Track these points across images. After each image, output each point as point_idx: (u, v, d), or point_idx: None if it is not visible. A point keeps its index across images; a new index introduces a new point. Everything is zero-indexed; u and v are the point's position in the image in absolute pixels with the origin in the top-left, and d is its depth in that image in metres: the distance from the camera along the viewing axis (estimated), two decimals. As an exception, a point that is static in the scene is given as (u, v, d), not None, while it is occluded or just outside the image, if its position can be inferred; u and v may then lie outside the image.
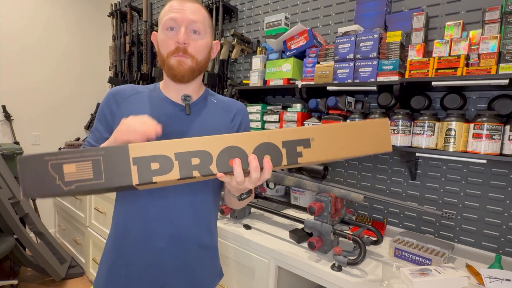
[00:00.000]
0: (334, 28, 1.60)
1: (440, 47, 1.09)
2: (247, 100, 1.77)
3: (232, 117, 0.92)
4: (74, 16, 2.96)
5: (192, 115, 0.86)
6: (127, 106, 0.83)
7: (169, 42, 0.79)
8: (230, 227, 1.30)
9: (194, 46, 0.80)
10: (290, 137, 0.61)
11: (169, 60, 0.80)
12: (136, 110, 0.81)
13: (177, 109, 0.85)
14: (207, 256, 0.90)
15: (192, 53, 0.80)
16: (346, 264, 0.96)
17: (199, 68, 0.83)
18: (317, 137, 0.63)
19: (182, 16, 0.78)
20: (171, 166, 0.58)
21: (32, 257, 2.10)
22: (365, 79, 1.25)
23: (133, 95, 0.85)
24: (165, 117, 0.82)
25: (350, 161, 1.55)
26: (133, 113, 0.77)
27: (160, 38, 0.81)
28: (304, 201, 1.54)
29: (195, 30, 0.80)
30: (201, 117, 0.87)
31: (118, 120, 0.76)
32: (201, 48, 0.81)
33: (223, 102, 0.93)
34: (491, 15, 1.04)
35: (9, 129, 2.62)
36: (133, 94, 0.86)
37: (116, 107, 0.84)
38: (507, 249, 1.16)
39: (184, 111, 0.85)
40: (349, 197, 1.07)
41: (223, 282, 1.31)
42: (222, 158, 0.59)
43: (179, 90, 0.86)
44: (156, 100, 0.85)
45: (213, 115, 0.89)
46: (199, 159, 0.58)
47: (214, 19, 2.02)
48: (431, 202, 1.32)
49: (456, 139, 1.06)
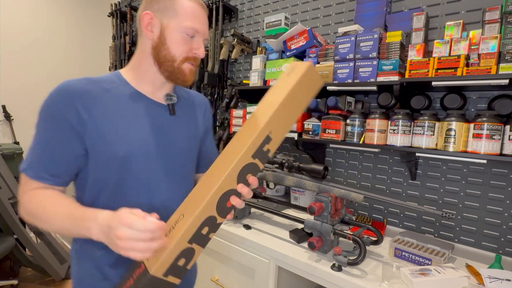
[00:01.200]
0: (334, 28, 1.60)
1: (440, 47, 1.09)
2: (247, 100, 1.77)
3: (203, 112, 0.94)
4: (74, 16, 2.96)
5: (175, 115, 0.82)
6: (102, 109, 0.71)
7: (188, 47, 0.76)
8: (230, 227, 1.30)
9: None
10: (256, 147, 0.65)
11: (181, 64, 0.76)
12: (116, 114, 0.72)
13: (161, 109, 0.79)
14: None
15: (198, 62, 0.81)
16: (346, 264, 0.96)
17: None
18: (273, 129, 0.67)
19: (204, 29, 0.77)
20: (192, 251, 0.62)
21: (32, 257, 2.10)
22: (365, 79, 1.25)
23: (104, 94, 0.72)
24: (151, 119, 0.76)
25: (350, 161, 1.55)
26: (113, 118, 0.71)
27: (175, 36, 0.74)
28: (304, 201, 1.54)
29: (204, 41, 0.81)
30: (183, 117, 0.84)
31: (91, 129, 0.68)
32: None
33: (191, 95, 0.93)
34: (491, 15, 1.04)
35: (9, 129, 2.62)
36: (102, 93, 0.72)
37: (86, 111, 0.68)
38: (507, 249, 1.16)
39: (168, 111, 0.81)
40: (349, 197, 1.07)
41: (223, 282, 1.31)
42: (220, 207, 0.64)
43: (159, 87, 0.80)
44: (134, 99, 0.76)
45: (191, 112, 0.89)
46: (208, 227, 0.63)
47: (214, 19, 2.02)
48: (431, 202, 1.32)
49: (456, 139, 1.06)
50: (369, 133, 1.24)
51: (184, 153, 0.83)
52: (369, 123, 1.24)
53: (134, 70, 0.79)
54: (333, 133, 1.34)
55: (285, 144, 1.83)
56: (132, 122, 0.73)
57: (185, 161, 0.84)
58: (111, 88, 0.74)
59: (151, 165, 0.76)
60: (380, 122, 1.22)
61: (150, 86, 0.79)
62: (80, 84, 0.70)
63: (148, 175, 0.75)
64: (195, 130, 0.89)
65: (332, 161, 1.62)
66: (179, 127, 0.82)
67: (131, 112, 0.74)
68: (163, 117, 0.79)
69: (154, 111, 0.78)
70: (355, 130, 1.29)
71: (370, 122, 1.24)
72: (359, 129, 1.28)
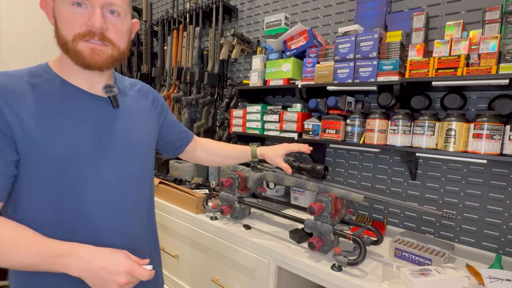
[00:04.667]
0: (334, 28, 1.60)
1: (440, 47, 1.09)
2: (247, 100, 1.77)
3: (151, 101, 0.86)
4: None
5: (119, 108, 0.73)
6: (31, 108, 0.61)
7: (77, 22, 0.61)
8: (230, 227, 1.30)
9: (114, 31, 0.65)
10: None
11: (76, 44, 0.62)
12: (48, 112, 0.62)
13: (101, 103, 0.70)
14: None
15: (112, 39, 0.65)
16: (346, 264, 0.96)
17: (120, 57, 0.69)
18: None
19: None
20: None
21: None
22: (365, 79, 1.25)
23: (30, 91, 0.62)
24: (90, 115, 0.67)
25: (350, 161, 1.55)
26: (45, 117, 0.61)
27: (61, 12, 0.62)
28: (304, 201, 1.54)
29: (113, 10, 0.64)
30: (127, 108, 0.76)
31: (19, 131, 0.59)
32: (123, 33, 0.67)
33: (135, 85, 0.84)
34: (491, 15, 1.04)
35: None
36: (28, 89, 0.62)
37: (10, 112, 0.58)
38: (507, 249, 1.16)
39: (110, 104, 0.71)
40: (349, 197, 1.07)
41: (223, 282, 1.31)
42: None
43: (93, 79, 0.70)
44: (67, 95, 0.66)
45: (136, 103, 0.80)
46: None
47: (214, 19, 2.02)
48: (431, 202, 1.32)
49: (456, 139, 1.06)
50: (369, 133, 1.24)
51: (132, 146, 0.74)
52: (369, 123, 1.24)
53: (60, 61, 0.68)
54: (333, 133, 1.34)
55: (285, 144, 1.83)
56: (68, 120, 0.64)
57: (134, 155, 0.75)
58: (38, 83, 0.64)
59: (95, 163, 0.67)
60: (380, 122, 1.22)
61: (81, 77, 0.68)
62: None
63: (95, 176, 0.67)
64: (144, 122, 0.80)
65: (332, 161, 1.62)
66: (123, 120, 0.73)
67: (65, 109, 0.64)
68: (105, 111, 0.70)
69: (93, 105, 0.69)
70: (355, 130, 1.29)
71: (370, 122, 1.24)
72: (359, 129, 1.28)
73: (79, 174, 0.65)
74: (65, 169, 0.64)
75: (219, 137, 2.01)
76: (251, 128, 1.68)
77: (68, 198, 0.65)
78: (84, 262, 0.57)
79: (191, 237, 1.44)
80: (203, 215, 1.43)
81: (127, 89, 0.81)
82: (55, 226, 0.65)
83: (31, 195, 0.63)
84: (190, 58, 2.12)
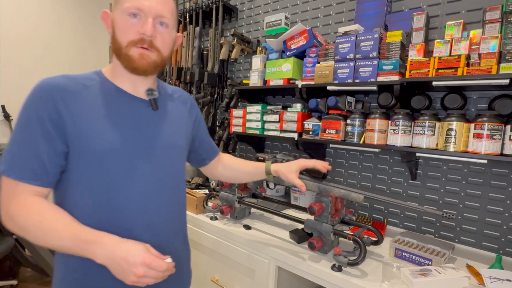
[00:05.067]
0: (334, 28, 1.60)
1: (441, 47, 1.09)
2: (247, 100, 1.77)
3: (188, 108, 0.92)
4: (74, 16, 2.96)
5: (158, 111, 0.80)
6: (81, 106, 0.70)
7: (131, 30, 0.70)
8: (230, 227, 1.30)
9: (161, 40, 0.73)
10: None
11: (128, 49, 0.71)
12: (94, 110, 0.71)
13: (142, 104, 0.78)
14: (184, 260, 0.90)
15: (158, 47, 0.73)
16: (346, 264, 0.96)
17: (163, 64, 0.77)
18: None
19: (150, 5, 0.70)
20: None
21: (31, 257, 2.09)
22: (365, 79, 1.25)
23: (82, 91, 0.71)
24: (131, 115, 0.75)
25: (350, 161, 1.55)
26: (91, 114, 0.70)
27: (118, 22, 0.71)
28: (304, 201, 1.54)
29: (163, 22, 0.73)
30: (167, 112, 0.82)
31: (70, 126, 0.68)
32: (168, 42, 0.76)
33: (175, 92, 0.91)
34: (491, 14, 1.04)
35: (9, 129, 2.62)
36: (81, 89, 0.71)
37: (65, 107, 0.67)
38: (507, 249, 1.16)
39: (150, 106, 0.78)
40: (349, 197, 1.07)
41: (223, 282, 1.31)
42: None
43: (138, 83, 0.78)
44: (113, 95, 0.75)
45: (175, 108, 0.86)
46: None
47: (214, 19, 2.02)
48: (431, 202, 1.32)
49: (457, 139, 1.05)
50: (369, 133, 1.24)
51: (168, 147, 0.80)
52: (369, 123, 1.24)
53: (112, 67, 0.78)
54: (333, 133, 1.34)
55: (285, 144, 1.83)
56: (110, 118, 0.71)
57: (170, 156, 0.81)
58: (90, 85, 0.73)
59: (133, 160, 0.73)
60: (380, 122, 1.21)
61: (128, 81, 0.77)
62: (57, 80, 0.69)
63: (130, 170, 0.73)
64: (181, 126, 0.86)
65: (332, 161, 1.62)
66: (162, 122, 0.80)
67: (110, 108, 0.72)
68: (145, 112, 0.77)
69: (135, 106, 0.76)
70: (355, 130, 1.29)
71: (370, 122, 1.24)
72: (359, 129, 1.28)
73: (115, 168, 0.71)
74: (103, 162, 0.70)
75: (219, 137, 2.00)
76: (251, 128, 1.68)
77: (104, 190, 0.71)
78: (108, 251, 0.62)
79: (191, 237, 1.43)
80: (203, 215, 1.43)
81: (168, 95, 0.87)
82: (93, 216, 0.70)
83: (76, 186, 0.70)
84: (190, 58, 2.12)
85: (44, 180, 0.68)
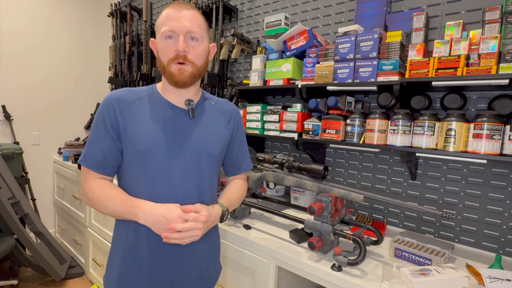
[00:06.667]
0: (334, 28, 1.60)
1: (440, 47, 1.09)
2: (247, 100, 1.77)
3: (228, 119, 1.00)
4: (74, 16, 2.96)
5: (195, 119, 0.91)
6: (132, 113, 0.86)
7: (169, 50, 0.83)
8: (230, 227, 1.30)
9: (193, 53, 0.84)
10: None
11: (169, 67, 0.84)
12: (141, 117, 0.86)
13: (181, 113, 0.89)
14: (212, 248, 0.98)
15: (192, 60, 0.84)
16: (346, 264, 0.96)
17: (199, 73, 0.88)
18: None
19: (179, 25, 0.81)
20: None
21: (32, 257, 2.10)
22: (365, 79, 1.25)
23: (136, 101, 0.87)
24: (170, 122, 0.87)
25: (350, 161, 1.55)
26: (138, 120, 0.85)
27: (159, 46, 0.85)
28: (304, 201, 1.54)
29: (193, 37, 0.84)
30: (203, 120, 0.92)
31: (122, 128, 0.84)
32: (200, 54, 0.86)
33: (220, 103, 1.00)
34: (491, 15, 1.04)
35: (9, 129, 2.62)
36: (135, 99, 0.87)
37: (120, 113, 0.85)
38: (507, 249, 1.16)
39: (188, 115, 0.89)
40: (349, 197, 1.07)
41: (223, 282, 1.31)
42: None
43: (180, 95, 0.90)
44: (158, 105, 0.88)
45: (213, 118, 0.96)
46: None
47: (214, 19, 2.02)
48: (431, 202, 1.32)
49: (456, 139, 1.06)
50: (369, 133, 1.24)
51: (197, 152, 0.88)
52: (369, 123, 1.24)
53: (162, 83, 0.92)
54: (333, 133, 1.34)
55: (285, 144, 1.83)
56: (153, 124, 0.85)
57: (197, 159, 0.89)
58: (143, 96, 0.89)
59: (168, 162, 0.85)
60: (380, 122, 1.22)
61: (173, 94, 0.90)
62: (119, 93, 0.87)
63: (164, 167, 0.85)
64: (216, 135, 0.94)
65: (332, 161, 1.62)
66: (195, 129, 0.90)
67: (154, 116, 0.86)
68: (183, 120, 0.89)
69: (175, 115, 0.88)
70: (355, 130, 1.29)
71: (370, 122, 1.24)
72: (359, 129, 1.28)
73: (153, 166, 0.84)
74: (145, 160, 0.84)
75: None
76: (251, 128, 1.68)
77: (143, 183, 0.85)
78: (147, 213, 0.79)
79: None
80: (203, 215, 1.43)
81: (210, 105, 0.97)
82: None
83: (125, 176, 0.89)
84: (190, 58, 2.12)
85: (105, 170, 0.86)
